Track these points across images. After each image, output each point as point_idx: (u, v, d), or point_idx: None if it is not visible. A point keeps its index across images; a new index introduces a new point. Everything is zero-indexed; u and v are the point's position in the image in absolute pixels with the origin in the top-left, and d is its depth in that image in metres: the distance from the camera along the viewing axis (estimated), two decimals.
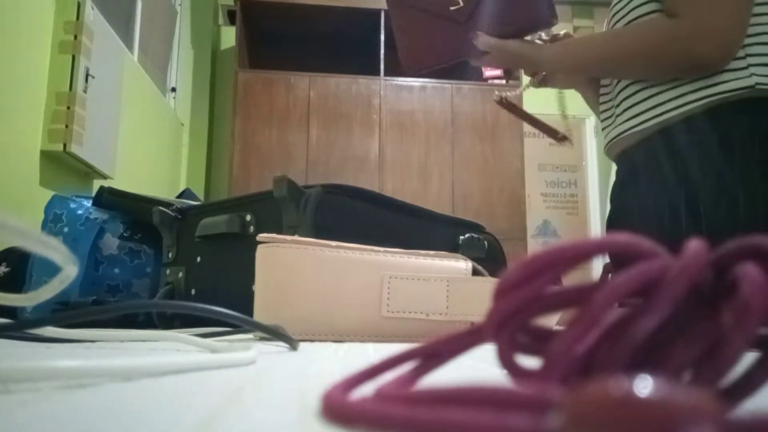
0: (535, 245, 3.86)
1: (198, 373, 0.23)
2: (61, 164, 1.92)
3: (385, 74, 3.72)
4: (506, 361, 0.15)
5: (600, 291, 0.13)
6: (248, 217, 0.76)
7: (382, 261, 0.61)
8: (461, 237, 0.90)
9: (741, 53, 0.75)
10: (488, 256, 0.94)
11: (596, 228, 4.07)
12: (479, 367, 0.27)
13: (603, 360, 0.13)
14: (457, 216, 0.95)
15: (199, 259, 0.82)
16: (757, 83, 0.74)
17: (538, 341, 0.15)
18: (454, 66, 0.92)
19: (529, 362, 0.14)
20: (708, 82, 0.76)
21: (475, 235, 0.92)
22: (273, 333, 0.36)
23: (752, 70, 0.74)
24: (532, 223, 3.90)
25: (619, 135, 0.88)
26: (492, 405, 0.11)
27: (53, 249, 0.23)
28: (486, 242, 0.94)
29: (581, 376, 0.13)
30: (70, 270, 0.25)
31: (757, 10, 0.76)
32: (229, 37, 4.04)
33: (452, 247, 0.89)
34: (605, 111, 0.94)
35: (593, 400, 0.09)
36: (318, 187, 0.70)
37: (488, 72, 3.78)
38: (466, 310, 0.60)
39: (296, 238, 0.58)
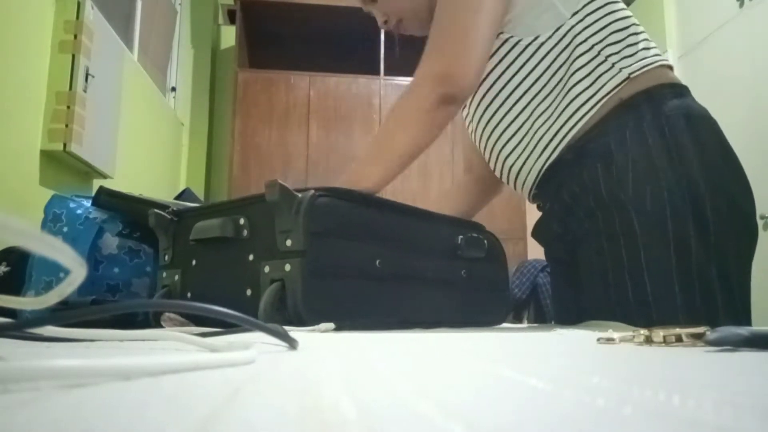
0: (535, 245, 3.86)
1: (197, 373, 0.23)
2: (61, 164, 1.92)
3: (385, 74, 3.73)
4: None
5: None
6: (242, 221, 0.75)
7: None
8: (461, 237, 0.90)
9: (600, 57, 0.83)
10: (488, 256, 0.94)
11: None
12: (485, 369, 0.27)
13: None
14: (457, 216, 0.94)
15: (194, 262, 0.82)
16: (630, 73, 0.83)
17: None
18: None
19: None
20: (589, 92, 0.84)
21: (475, 235, 0.92)
22: (273, 332, 0.36)
23: (618, 65, 0.83)
24: (532, 223, 3.90)
25: (539, 171, 0.90)
26: None
27: (61, 251, 0.23)
28: (486, 241, 0.94)
29: None
30: (78, 272, 0.24)
31: (591, 18, 0.84)
32: (229, 36, 4.04)
33: (451, 247, 0.89)
34: (510, 168, 0.95)
35: None
36: (311, 191, 0.70)
37: None
38: None
39: None
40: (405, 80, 3.73)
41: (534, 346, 0.42)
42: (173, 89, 3.47)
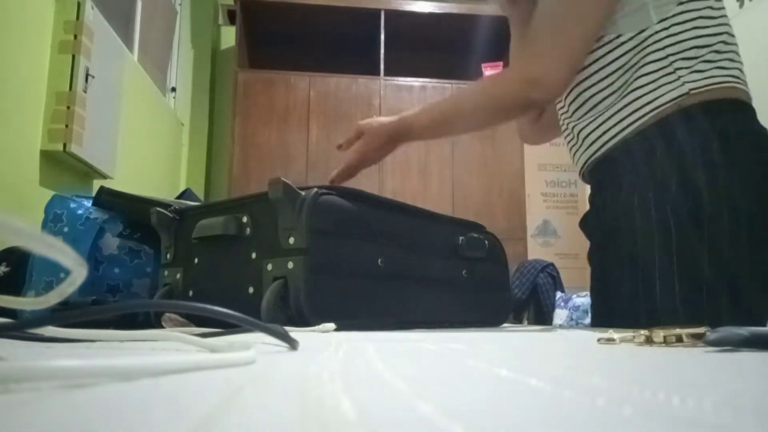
0: (535, 245, 3.86)
1: (198, 373, 0.23)
2: (61, 164, 1.92)
3: (385, 74, 3.72)
4: None
5: None
6: (244, 219, 0.75)
7: None
8: (461, 237, 0.90)
9: (670, 68, 0.84)
10: (489, 256, 0.94)
11: None
12: (479, 366, 0.27)
13: None
14: (457, 216, 0.95)
15: (196, 260, 0.82)
16: (691, 89, 0.83)
17: None
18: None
19: None
20: (647, 98, 0.84)
21: (475, 235, 0.92)
22: (273, 333, 0.36)
23: (683, 79, 0.83)
24: (532, 223, 3.90)
25: (587, 161, 0.95)
26: None
27: (61, 251, 0.23)
28: (486, 241, 0.94)
29: None
30: (79, 272, 0.24)
31: (677, 29, 0.84)
32: (229, 37, 4.03)
33: (452, 247, 0.89)
34: (569, 143, 1.00)
35: None
36: (314, 189, 0.70)
37: (488, 72, 3.78)
38: None
39: None
40: (405, 80, 3.73)
41: (534, 346, 0.42)
42: (173, 89, 3.47)
